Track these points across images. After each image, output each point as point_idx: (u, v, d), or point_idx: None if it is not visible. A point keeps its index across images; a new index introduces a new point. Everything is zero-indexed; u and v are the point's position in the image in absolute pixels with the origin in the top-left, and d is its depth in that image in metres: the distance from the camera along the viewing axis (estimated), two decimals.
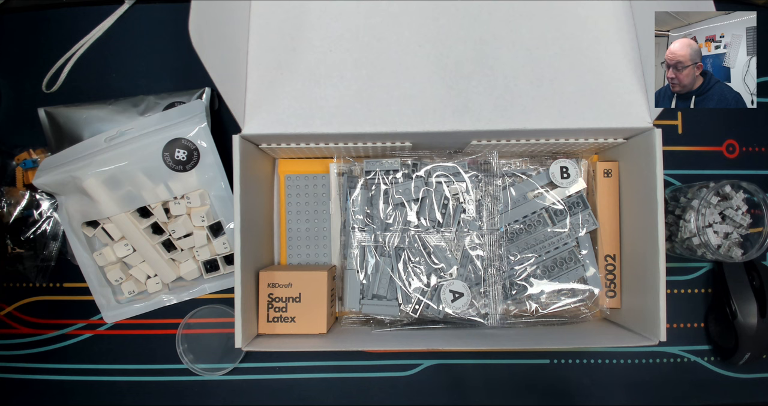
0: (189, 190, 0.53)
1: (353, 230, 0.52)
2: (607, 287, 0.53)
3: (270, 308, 0.49)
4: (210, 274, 0.56)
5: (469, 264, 0.51)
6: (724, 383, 0.58)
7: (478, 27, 0.48)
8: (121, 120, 0.55)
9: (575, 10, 0.49)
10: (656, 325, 0.45)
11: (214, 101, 0.58)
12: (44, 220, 0.57)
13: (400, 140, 0.49)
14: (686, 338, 0.59)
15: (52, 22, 0.60)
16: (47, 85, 0.59)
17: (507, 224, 0.52)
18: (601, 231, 0.53)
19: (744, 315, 0.54)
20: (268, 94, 0.47)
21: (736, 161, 0.60)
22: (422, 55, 0.48)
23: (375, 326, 0.52)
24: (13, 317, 0.58)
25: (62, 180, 0.52)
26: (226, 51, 0.45)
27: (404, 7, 0.49)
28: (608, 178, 0.53)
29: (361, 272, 0.52)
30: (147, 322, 0.58)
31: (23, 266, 0.57)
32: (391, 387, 0.58)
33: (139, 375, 0.58)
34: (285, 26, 0.49)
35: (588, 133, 0.48)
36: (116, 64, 0.60)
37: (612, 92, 0.47)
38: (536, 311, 0.52)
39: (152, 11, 0.60)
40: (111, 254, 0.55)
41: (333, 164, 0.54)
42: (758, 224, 0.52)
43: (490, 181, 0.52)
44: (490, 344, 0.48)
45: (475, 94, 0.47)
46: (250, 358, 0.58)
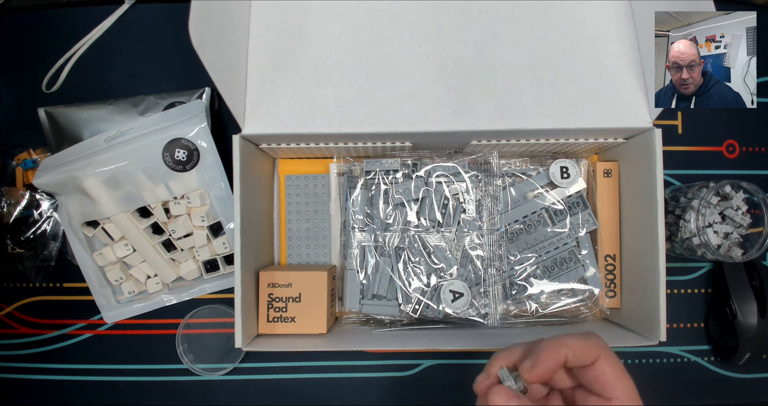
0: (189, 190, 0.53)
1: (353, 230, 0.52)
2: (607, 287, 0.53)
3: (270, 308, 0.49)
4: (210, 274, 0.56)
5: (469, 264, 0.51)
6: (724, 383, 0.58)
7: (478, 27, 0.48)
8: (121, 120, 0.55)
9: (575, 10, 0.49)
10: (656, 325, 0.45)
11: (214, 101, 0.58)
12: (44, 220, 0.57)
13: (400, 140, 0.49)
14: (686, 338, 0.59)
15: (52, 22, 0.60)
16: (47, 85, 0.59)
17: (507, 224, 0.52)
18: (601, 231, 0.53)
19: (744, 315, 0.54)
20: (268, 94, 0.47)
21: (736, 161, 0.60)
22: (422, 55, 0.48)
23: (375, 326, 0.52)
24: (13, 317, 0.58)
25: (62, 180, 0.52)
26: (226, 51, 0.45)
27: (404, 7, 0.49)
28: (608, 178, 0.53)
29: (361, 272, 0.52)
30: (147, 322, 0.58)
31: (23, 266, 0.57)
32: (391, 387, 0.58)
33: (139, 375, 0.58)
34: (285, 26, 0.49)
35: (588, 133, 0.48)
36: (116, 64, 0.60)
37: (612, 92, 0.47)
38: (536, 311, 0.52)
39: (152, 11, 0.60)
40: (111, 254, 0.55)
41: (333, 164, 0.54)
42: (758, 224, 0.52)
43: (490, 181, 0.52)
44: (490, 344, 0.48)
45: (475, 94, 0.47)
46: (250, 358, 0.58)
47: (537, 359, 0.30)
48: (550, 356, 0.30)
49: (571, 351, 0.30)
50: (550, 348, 0.30)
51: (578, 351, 0.30)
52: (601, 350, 0.30)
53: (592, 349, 0.30)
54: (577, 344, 0.30)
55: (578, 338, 0.30)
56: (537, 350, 0.30)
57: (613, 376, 0.30)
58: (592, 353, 0.30)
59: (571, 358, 0.30)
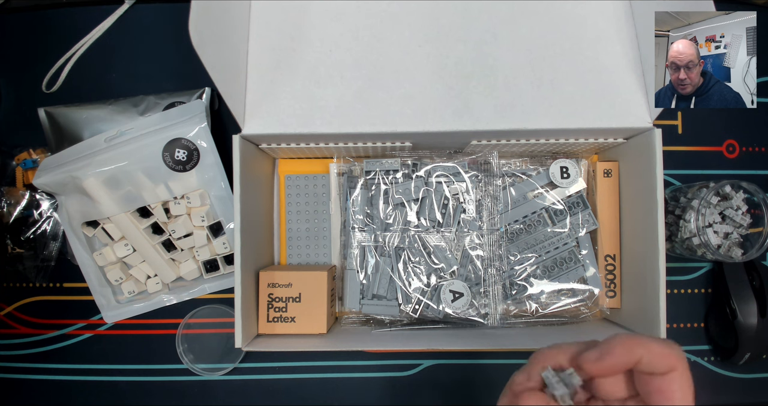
0: (189, 190, 0.53)
1: (353, 230, 0.52)
2: (607, 287, 0.53)
3: (270, 308, 0.49)
4: (210, 274, 0.56)
5: (469, 264, 0.51)
6: (724, 383, 0.58)
7: (478, 27, 0.48)
8: (121, 120, 0.55)
9: (575, 10, 0.49)
10: (656, 325, 0.45)
11: (214, 101, 0.58)
12: (44, 220, 0.57)
13: (400, 140, 0.49)
14: (686, 338, 0.59)
15: (52, 22, 0.60)
16: (47, 85, 0.59)
17: (507, 224, 0.52)
18: (601, 231, 0.53)
19: (744, 315, 0.54)
20: (268, 94, 0.47)
21: (736, 161, 0.60)
22: (422, 55, 0.48)
23: (375, 326, 0.52)
24: (13, 317, 0.58)
25: (62, 180, 0.52)
26: (226, 51, 0.45)
27: (404, 7, 0.49)
28: (608, 178, 0.53)
29: (361, 272, 0.52)
30: (147, 322, 0.58)
31: (23, 266, 0.57)
32: (391, 387, 0.58)
33: (139, 375, 0.58)
34: (285, 26, 0.49)
35: (588, 133, 0.48)
36: (116, 64, 0.60)
37: (612, 92, 0.47)
38: (536, 311, 0.52)
39: (152, 11, 0.60)
40: (111, 254, 0.55)
41: (333, 164, 0.54)
42: (758, 224, 0.52)
43: (490, 181, 0.52)
44: (490, 344, 0.48)
45: (475, 94, 0.47)
46: (250, 358, 0.58)
47: (607, 352, 0.27)
48: (623, 352, 0.27)
49: (649, 354, 0.26)
50: (624, 343, 0.27)
51: (656, 356, 0.26)
52: (679, 363, 0.27)
53: (671, 358, 0.26)
54: (657, 347, 0.27)
55: (660, 341, 0.27)
56: (608, 343, 0.27)
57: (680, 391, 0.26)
58: (670, 363, 0.26)
59: (646, 362, 0.26)
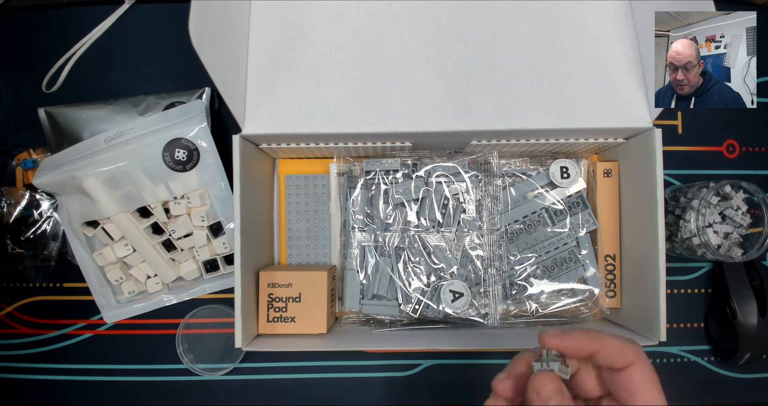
0: (189, 190, 0.53)
1: (353, 230, 0.52)
2: (607, 287, 0.53)
3: (270, 308, 0.49)
4: (210, 274, 0.56)
5: (469, 264, 0.51)
6: (724, 383, 0.58)
7: (478, 27, 0.48)
8: (121, 120, 0.55)
9: (575, 10, 0.49)
10: (656, 325, 0.45)
11: (214, 101, 0.58)
12: (44, 220, 0.57)
13: (400, 140, 0.49)
14: (686, 338, 0.59)
15: (52, 22, 0.60)
16: (47, 85, 0.59)
17: (507, 224, 0.52)
18: (601, 231, 0.53)
19: (744, 315, 0.54)
20: (268, 94, 0.47)
21: (736, 161, 0.60)
22: (422, 55, 0.48)
23: (375, 326, 0.52)
24: (13, 317, 0.58)
25: (62, 180, 0.52)
26: (226, 51, 0.45)
27: (404, 7, 0.49)
28: (608, 178, 0.53)
29: (361, 272, 0.52)
30: (147, 322, 0.58)
31: (23, 266, 0.57)
32: (391, 387, 0.58)
33: (139, 375, 0.58)
34: (285, 26, 0.49)
35: (588, 133, 0.48)
36: (116, 64, 0.60)
37: (612, 92, 0.47)
38: (536, 311, 0.52)
39: (152, 11, 0.60)
40: (111, 254, 0.55)
41: (333, 164, 0.54)
42: (758, 224, 0.52)
43: (490, 181, 0.52)
44: (490, 344, 0.48)
45: (475, 94, 0.47)
46: (250, 358, 0.58)
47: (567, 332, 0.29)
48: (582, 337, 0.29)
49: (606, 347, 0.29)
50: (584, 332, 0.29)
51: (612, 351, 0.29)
52: (636, 358, 0.29)
53: (627, 354, 0.29)
54: (614, 341, 0.29)
55: (618, 338, 0.29)
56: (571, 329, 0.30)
57: (643, 386, 0.29)
58: (626, 358, 0.29)
59: (603, 355, 0.29)
